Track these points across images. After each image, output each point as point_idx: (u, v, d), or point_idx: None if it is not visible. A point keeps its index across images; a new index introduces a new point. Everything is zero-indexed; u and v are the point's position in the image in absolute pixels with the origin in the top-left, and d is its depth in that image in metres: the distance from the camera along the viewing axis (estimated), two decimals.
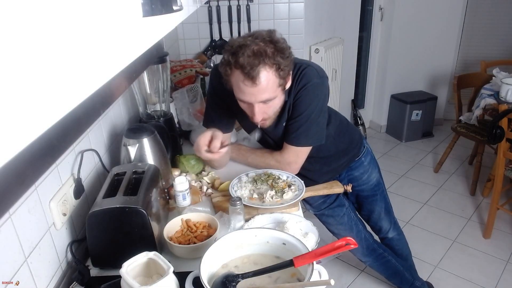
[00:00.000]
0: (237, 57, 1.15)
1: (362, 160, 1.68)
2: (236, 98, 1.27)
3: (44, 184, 0.96)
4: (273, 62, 1.16)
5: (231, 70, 1.19)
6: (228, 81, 1.24)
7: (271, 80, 1.19)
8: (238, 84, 1.19)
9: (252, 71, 1.14)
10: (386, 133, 4.10)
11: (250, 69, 1.14)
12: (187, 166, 1.48)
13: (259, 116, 1.27)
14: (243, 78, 1.17)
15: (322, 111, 1.38)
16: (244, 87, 1.18)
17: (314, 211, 1.76)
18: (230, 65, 1.18)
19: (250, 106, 1.26)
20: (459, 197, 3.01)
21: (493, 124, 2.27)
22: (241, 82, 1.18)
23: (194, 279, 0.87)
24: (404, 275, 1.96)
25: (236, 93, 1.24)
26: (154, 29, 0.59)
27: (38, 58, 0.30)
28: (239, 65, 1.15)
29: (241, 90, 1.20)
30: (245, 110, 1.31)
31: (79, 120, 0.40)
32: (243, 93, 1.21)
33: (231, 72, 1.19)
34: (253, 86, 1.17)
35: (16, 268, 0.82)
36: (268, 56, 1.15)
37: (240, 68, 1.16)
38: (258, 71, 1.15)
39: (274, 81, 1.19)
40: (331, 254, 0.85)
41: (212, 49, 2.80)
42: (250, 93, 1.20)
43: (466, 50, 3.90)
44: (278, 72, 1.18)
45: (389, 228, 1.88)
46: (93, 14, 0.39)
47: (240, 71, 1.16)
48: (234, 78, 1.20)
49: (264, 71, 1.16)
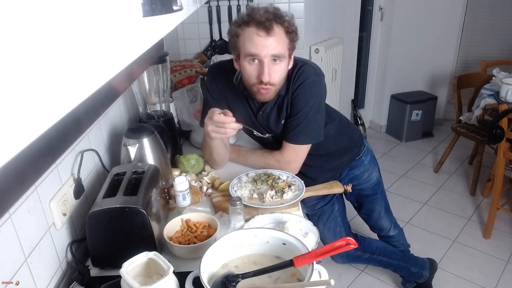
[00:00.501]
0: (252, 15, 1.22)
1: (363, 159, 1.68)
2: (244, 59, 1.27)
3: (44, 184, 0.96)
4: (284, 21, 1.24)
5: (245, 27, 1.24)
6: (237, 43, 1.27)
7: (283, 37, 1.25)
8: (251, 37, 1.23)
9: (267, 22, 1.21)
10: (386, 133, 4.10)
11: (266, 20, 1.21)
12: (187, 166, 1.48)
13: (267, 75, 1.26)
14: (257, 30, 1.22)
15: (320, 108, 1.38)
16: (257, 39, 1.22)
17: (307, 210, 1.76)
18: (243, 23, 1.24)
19: (259, 65, 1.26)
20: (459, 197, 3.01)
21: (493, 124, 2.27)
22: (255, 34, 1.22)
23: (194, 279, 0.87)
24: (399, 265, 1.97)
25: (247, 48, 1.25)
26: (154, 29, 0.59)
27: (38, 58, 0.30)
28: (254, 20, 1.22)
29: (253, 43, 1.23)
30: (251, 78, 1.29)
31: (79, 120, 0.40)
32: (255, 46, 1.23)
33: (243, 30, 1.24)
34: (267, 37, 1.22)
35: (16, 268, 0.82)
36: (278, 16, 1.24)
37: (255, 23, 1.22)
38: (272, 24, 1.21)
39: (285, 40, 1.25)
40: (331, 254, 0.85)
41: (212, 49, 2.80)
42: (263, 45, 1.22)
43: (466, 50, 3.90)
44: (288, 33, 1.25)
45: (390, 227, 1.89)
46: (93, 14, 0.39)
47: (255, 25, 1.22)
48: (247, 34, 1.24)
49: (277, 27, 1.23)
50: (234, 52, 1.32)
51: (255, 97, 1.35)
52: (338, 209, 1.77)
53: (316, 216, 1.76)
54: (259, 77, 1.27)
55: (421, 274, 2.02)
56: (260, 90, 1.30)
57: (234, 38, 1.28)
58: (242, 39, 1.25)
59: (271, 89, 1.31)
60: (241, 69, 1.31)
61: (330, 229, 1.76)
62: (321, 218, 1.75)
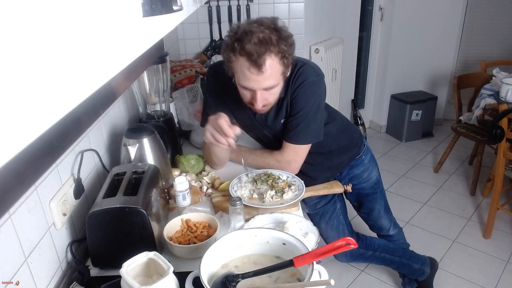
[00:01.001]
0: (243, 44, 1.15)
1: (363, 158, 1.69)
2: (238, 85, 1.27)
3: (44, 184, 0.96)
4: (278, 50, 1.18)
5: (236, 56, 1.19)
6: (230, 67, 1.24)
7: (276, 68, 1.20)
8: (243, 71, 1.20)
9: (258, 59, 1.15)
10: (386, 133, 4.10)
11: (257, 56, 1.15)
12: (187, 166, 1.48)
13: (260, 102, 1.27)
14: (248, 65, 1.17)
15: (319, 108, 1.39)
16: (249, 74, 1.19)
17: (309, 210, 1.76)
18: (235, 51, 1.18)
19: (252, 93, 1.26)
20: (459, 197, 3.01)
21: (493, 124, 2.27)
22: (246, 69, 1.18)
23: (194, 279, 0.87)
24: (401, 262, 1.96)
25: (239, 79, 1.23)
26: (154, 29, 0.59)
27: (38, 58, 0.30)
28: (245, 52, 1.15)
29: (245, 77, 1.21)
30: (245, 98, 1.31)
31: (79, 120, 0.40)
32: (247, 80, 1.21)
33: (235, 59, 1.20)
34: (259, 74, 1.18)
35: (16, 268, 0.82)
36: (273, 44, 1.16)
37: (246, 55, 1.16)
38: (264, 59, 1.16)
39: (278, 69, 1.21)
40: (331, 254, 0.85)
41: (212, 49, 2.80)
42: (254, 80, 1.21)
43: (466, 50, 3.90)
44: (282, 60, 1.20)
45: (389, 226, 1.89)
46: (93, 14, 0.39)
47: (246, 58, 1.16)
48: (239, 65, 1.20)
49: (269, 59, 1.17)
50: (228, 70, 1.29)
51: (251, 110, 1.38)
52: (340, 207, 1.77)
53: (318, 215, 1.76)
54: (252, 101, 1.29)
55: (423, 270, 2.02)
56: (255, 109, 1.32)
57: (227, 63, 1.24)
58: (235, 67, 1.22)
59: (267, 107, 1.34)
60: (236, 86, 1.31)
61: (333, 227, 1.76)
62: (323, 217, 1.75)
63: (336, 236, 1.75)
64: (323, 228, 1.77)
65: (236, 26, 1.22)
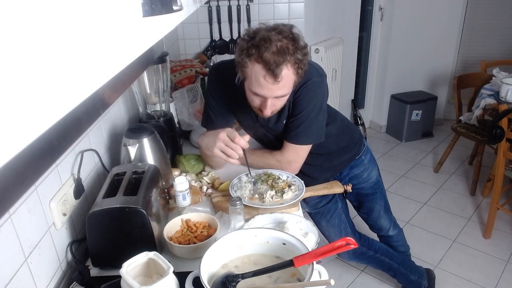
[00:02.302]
0: (261, 52, 1.14)
1: (363, 158, 1.69)
2: (249, 90, 1.26)
3: (44, 184, 0.96)
4: (295, 61, 1.17)
5: (251, 62, 1.18)
6: (244, 72, 1.22)
7: (290, 78, 1.20)
8: (258, 78, 1.19)
9: (276, 69, 1.14)
10: (386, 133, 4.10)
11: (275, 66, 1.14)
12: (187, 166, 1.48)
13: (269, 110, 1.26)
14: (264, 74, 1.16)
15: (321, 109, 1.38)
16: (264, 82, 1.18)
17: (310, 209, 1.76)
18: (251, 57, 1.17)
19: (262, 99, 1.25)
20: (459, 197, 3.01)
21: (493, 124, 2.27)
22: (261, 77, 1.17)
23: (194, 279, 0.87)
24: (400, 270, 1.96)
25: (252, 85, 1.22)
26: (154, 29, 0.59)
27: (38, 58, 0.30)
28: (263, 60, 1.14)
29: (259, 84, 1.20)
30: (253, 103, 1.30)
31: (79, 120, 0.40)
32: (261, 88, 1.20)
33: (250, 65, 1.18)
34: (274, 83, 1.18)
35: (16, 268, 0.82)
36: (290, 53, 1.16)
37: (263, 63, 1.15)
38: (281, 69, 1.15)
39: (292, 78, 1.21)
40: (331, 254, 0.85)
41: (212, 49, 2.80)
42: (268, 89, 1.20)
43: (466, 50, 3.90)
44: (297, 70, 1.20)
45: (389, 227, 1.89)
46: (93, 14, 0.39)
47: (263, 66, 1.15)
48: (254, 71, 1.18)
49: (286, 69, 1.17)
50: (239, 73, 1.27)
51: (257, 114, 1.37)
52: (341, 206, 1.77)
53: (319, 214, 1.75)
54: (260, 107, 1.28)
55: (420, 283, 2.02)
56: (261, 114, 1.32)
57: (241, 67, 1.22)
58: (248, 73, 1.20)
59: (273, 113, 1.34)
60: (245, 91, 1.30)
61: (335, 226, 1.75)
62: (325, 216, 1.74)
63: (338, 235, 1.75)
64: (324, 226, 1.77)
65: (253, 30, 1.20)
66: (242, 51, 1.19)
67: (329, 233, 1.77)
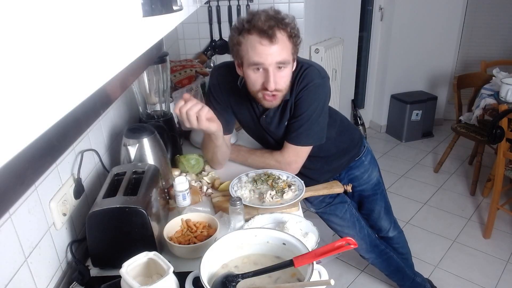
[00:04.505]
0: (253, 22, 1.19)
1: (363, 159, 1.68)
2: (249, 67, 1.25)
3: (44, 184, 0.96)
4: (286, 26, 1.22)
5: (246, 36, 1.21)
6: (239, 51, 1.25)
7: (286, 43, 1.23)
8: (254, 46, 1.21)
9: (269, 30, 1.18)
10: (386, 133, 4.10)
11: (268, 28, 1.18)
12: (187, 166, 1.48)
13: (272, 83, 1.25)
14: (259, 39, 1.20)
15: (323, 111, 1.38)
16: (260, 48, 1.20)
17: (316, 208, 1.76)
18: (244, 30, 1.21)
19: (264, 73, 1.24)
20: (459, 197, 3.01)
21: (493, 124, 2.27)
22: (257, 43, 1.20)
23: (194, 279, 0.87)
24: (405, 271, 1.96)
25: (251, 57, 1.23)
26: (154, 29, 0.59)
27: (38, 58, 0.30)
28: (256, 28, 1.19)
29: (257, 52, 1.21)
30: (256, 84, 1.28)
31: (79, 120, 0.40)
32: (259, 55, 1.21)
33: (245, 39, 1.22)
34: (270, 45, 1.20)
35: (16, 268, 0.82)
36: (279, 20, 1.21)
37: (256, 30, 1.19)
38: (274, 31, 1.19)
39: (288, 45, 1.24)
40: (331, 254, 0.85)
41: (212, 49, 2.80)
42: (266, 53, 1.21)
43: (466, 50, 3.90)
44: (291, 38, 1.23)
45: (389, 228, 1.89)
46: (93, 14, 0.39)
47: (257, 33, 1.20)
48: (250, 42, 1.21)
49: (279, 33, 1.20)
50: (236, 60, 1.30)
51: (261, 103, 1.35)
52: (350, 202, 1.75)
53: (327, 213, 1.73)
54: (264, 85, 1.26)
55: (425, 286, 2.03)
56: (266, 97, 1.29)
57: (236, 46, 1.25)
58: (245, 48, 1.23)
59: (278, 95, 1.30)
60: (245, 76, 1.30)
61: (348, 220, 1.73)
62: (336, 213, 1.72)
63: (353, 228, 1.73)
64: (337, 223, 1.75)
65: (240, 18, 1.26)
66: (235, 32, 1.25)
67: (342, 228, 1.75)
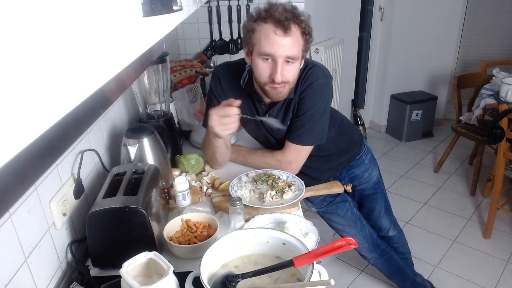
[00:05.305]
0: (271, 11, 1.20)
1: (363, 158, 1.69)
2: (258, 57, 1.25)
3: (44, 184, 0.96)
4: (301, 22, 1.24)
5: (261, 24, 1.22)
6: (252, 38, 1.25)
7: (298, 39, 1.24)
8: (268, 35, 1.21)
9: (286, 22, 1.19)
10: (386, 133, 4.10)
11: (285, 20, 1.19)
12: (187, 166, 1.48)
13: (280, 75, 1.24)
14: (274, 29, 1.21)
15: (325, 111, 1.39)
16: (274, 38, 1.21)
17: (317, 208, 1.75)
18: (261, 18, 1.22)
19: (273, 64, 1.24)
20: (459, 197, 3.01)
21: (493, 124, 2.27)
22: (272, 32, 1.21)
23: (194, 279, 0.87)
24: (406, 271, 1.97)
25: (262, 47, 1.23)
26: (154, 29, 0.59)
27: (38, 58, 0.30)
28: (272, 17, 1.20)
29: (269, 42, 1.22)
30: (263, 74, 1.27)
31: (79, 120, 0.40)
32: (271, 45, 1.22)
33: (259, 26, 1.23)
34: (284, 36, 1.21)
35: (16, 268, 0.82)
36: (296, 14, 1.23)
37: (272, 20, 1.20)
38: (290, 24, 1.20)
39: (300, 41, 1.25)
40: (331, 254, 0.85)
41: (212, 49, 2.80)
42: (279, 45, 1.21)
43: (466, 50, 3.90)
44: (304, 35, 1.25)
45: (389, 227, 1.89)
46: (93, 14, 0.39)
47: (272, 22, 1.20)
48: (264, 30, 1.22)
49: (294, 27, 1.22)
50: (247, 47, 1.30)
51: (268, 96, 1.33)
52: (351, 201, 1.76)
53: (328, 212, 1.73)
54: (271, 76, 1.26)
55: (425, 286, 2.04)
56: (274, 88, 1.28)
57: (250, 33, 1.25)
58: (258, 35, 1.23)
59: (285, 87, 1.29)
60: (253, 65, 1.29)
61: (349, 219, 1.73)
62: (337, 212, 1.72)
63: (354, 228, 1.73)
64: (338, 223, 1.74)
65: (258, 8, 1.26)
66: (249, 20, 1.26)
67: (344, 227, 1.75)
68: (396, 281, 2.03)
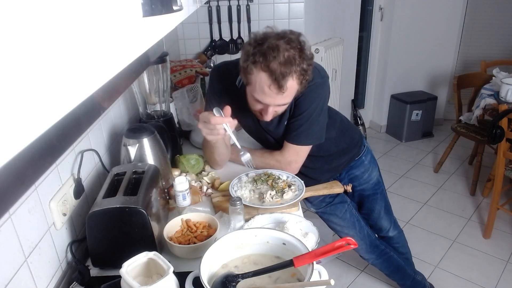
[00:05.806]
0: (268, 61, 1.13)
1: (363, 159, 1.68)
2: (251, 95, 1.26)
3: (44, 184, 0.96)
4: (300, 72, 1.17)
5: (257, 70, 1.17)
6: (247, 78, 1.22)
7: (294, 88, 1.21)
8: (262, 87, 1.18)
9: (282, 80, 1.14)
10: (386, 133, 4.10)
11: (281, 77, 1.14)
12: (187, 166, 1.48)
13: (270, 116, 1.27)
14: (270, 83, 1.16)
15: (323, 110, 1.39)
16: (268, 91, 1.18)
17: (316, 208, 1.76)
18: (257, 64, 1.16)
19: (264, 106, 1.26)
20: (459, 197, 3.01)
21: (493, 124, 2.27)
22: (266, 86, 1.17)
23: (194, 279, 0.87)
24: (406, 270, 1.96)
25: (255, 92, 1.22)
26: (154, 29, 0.59)
27: (38, 59, 0.30)
28: (269, 69, 1.14)
29: (263, 92, 1.20)
30: (253, 107, 1.31)
31: (79, 120, 0.40)
32: (264, 95, 1.20)
33: (256, 72, 1.17)
34: (278, 93, 1.18)
35: (16, 268, 0.82)
36: (297, 64, 1.15)
37: (269, 72, 1.14)
38: (287, 80, 1.15)
39: (296, 88, 1.22)
40: (331, 254, 0.85)
41: (212, 49, 2.81)
42: (271, 97, 1.20)
43: (466, 50, 3.90)
44: (301, 81, 1.20)
45: (389, 227, 1.89)
46: (93, 14, 0.39)
47: (269, 75, 1.15)
48: (259, 79, 1.18)
49: (291, 80, 1.17)
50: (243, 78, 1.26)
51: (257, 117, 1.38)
52: (350, 202, 1.76)
53: (327, 213, 1.74)
54: (261, 112, 1.29)
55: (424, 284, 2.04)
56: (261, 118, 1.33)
57: (246, 72, 1.21)
58: (253, 80, 1.20)
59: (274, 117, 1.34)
60: (246, 94, 1.30)
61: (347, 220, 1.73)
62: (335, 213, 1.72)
63: (352, 229, 1.73)
64: (337, 223, 1.75)
65: (261, 36, 1.19)
66: (248, 57, 1.18)
67: (342, 228, 1.75)
68: (396, 279, 2.03)
